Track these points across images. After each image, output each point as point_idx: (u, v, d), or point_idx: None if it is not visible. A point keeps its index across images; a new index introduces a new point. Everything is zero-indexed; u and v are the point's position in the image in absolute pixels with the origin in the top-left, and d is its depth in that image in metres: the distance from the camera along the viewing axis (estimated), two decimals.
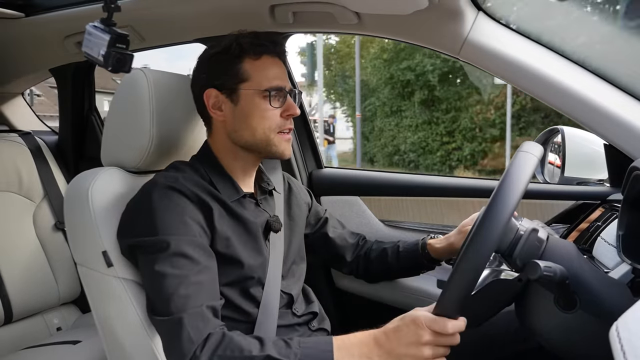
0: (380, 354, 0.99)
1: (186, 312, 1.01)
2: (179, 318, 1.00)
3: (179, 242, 1.07)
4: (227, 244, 1.18)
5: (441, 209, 1.74)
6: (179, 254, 1.06)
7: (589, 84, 1.29)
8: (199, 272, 1.07)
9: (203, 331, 1.00)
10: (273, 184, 1.39)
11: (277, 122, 1.23)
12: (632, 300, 0.71)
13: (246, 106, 1.23)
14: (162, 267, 1.05)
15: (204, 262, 1.09)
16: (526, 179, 0.89)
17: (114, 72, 1.17)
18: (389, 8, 1.32)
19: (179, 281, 1.04)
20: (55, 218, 2.10)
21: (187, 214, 1.12)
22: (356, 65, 14.10)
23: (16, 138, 2.12)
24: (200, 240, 1.11)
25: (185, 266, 1.06)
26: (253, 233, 1.24)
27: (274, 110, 1.23)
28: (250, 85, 1.22)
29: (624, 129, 1.25)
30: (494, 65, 1.36)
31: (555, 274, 0.85)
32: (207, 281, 1.09)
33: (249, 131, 1.23)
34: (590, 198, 1.49)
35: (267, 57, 1.25)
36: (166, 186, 1.14)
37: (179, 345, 0.99)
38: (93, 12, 1.61)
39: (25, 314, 1.97)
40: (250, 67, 1.23)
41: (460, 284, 0.89)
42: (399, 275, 1.57)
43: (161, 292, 1.04)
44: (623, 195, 1.07)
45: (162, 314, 1.04)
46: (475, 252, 0.87)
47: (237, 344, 0.99)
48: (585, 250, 1.24)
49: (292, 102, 1.25)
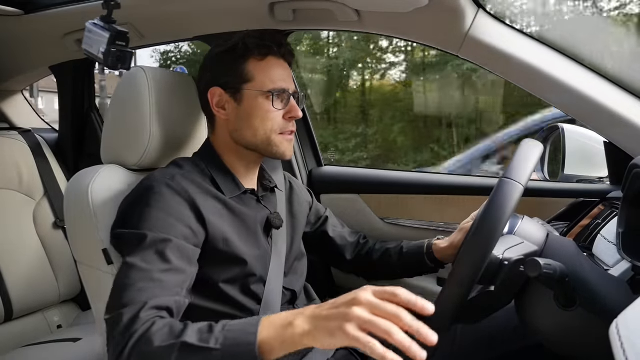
0: (303, 318, 0.85)
1: (129, 306, 0.96)
2: (120, 313, 0.95)
3: (156, 238, 1.06)
4: (226, 241, 1.17)
5: (441, 206, 1.74)
6: (152, 250, 1.04)
7: (588, 81, 1.29)
8: (165, 271, 1.03)
9: (135, 327, 0.93)
10: (275, 182, 1.40)
11: (279, 124, 1.24)
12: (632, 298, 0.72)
13: (249, 106, 1.23)
14: (132, 259, 1.03)
15: (176, 264, 1.06)
16: (508, 213, 0.88)
17: (113, 70, 1.17)
18: (389, 5, 1.32)
19: (142, 275, 1.01)
20: (55, 216, 2.09)
21: (175, 214, 1.11)
22: None
23: (16, 136, 2.12)
24: (180, 243, 1.08)
25: (154, 262, 1.03)
26: (253, 229, 1.24)
27: (277, 111, 1.23)
28: (254, 86, 1.22)
29: (624, 127, 1.25)
30: (494, 63, 1.36)
31: (555, 272, 0.85)
32: (170, 282, 1.03)
33: (251, 131, 1.24)
34: (590, 196, 1.49)
35: (272, 59, 1.25)
36: (161, 183, 1.14)
37: (113, 342, 0.95)
38: (93, 9, 1.61)
39: (25, 312, 1.97)
40: (254, 67, 1.23)
41: (445, 308, 0.90)
42: (401, 276, 1.57)
43: (122, 282, 1.01)
44: (623, 193, 1.07)
45: (111, 307, 0.99)
46: (455, 287, 0.89)
47: (159, 336, 0.91)
48: (585, 247, 1.25)
49: (294, 105, 1.25)
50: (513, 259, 0.94)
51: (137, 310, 0.94)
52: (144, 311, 0.94)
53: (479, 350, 1.32)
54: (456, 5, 1.27)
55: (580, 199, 1.51)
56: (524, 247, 0.98)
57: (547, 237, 1.02)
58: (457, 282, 0.89)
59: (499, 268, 0.94)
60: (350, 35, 11.28)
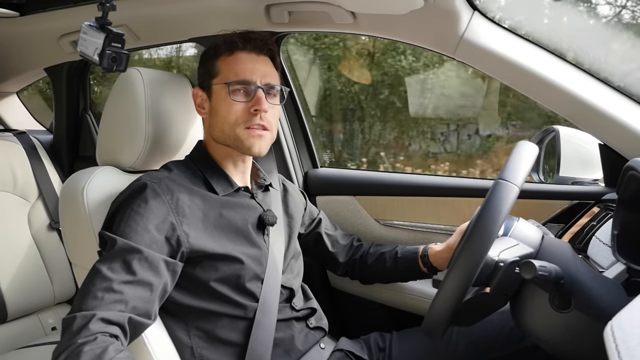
0: None
1: (83, 312, 0.96)
2: (74, 317, 0.95)
3: (126, 247, 1.04)
4: (217, 241, 1.17)
5: (436, 208, 1.74)
6: (120, 258, 1.03)
7: (583, 84, 1.29)
8: (127, 282, 1.02)
9: (76, 338, 0.92)
10: (269, 180, 1.39)
11: (242, 117, 1.22)
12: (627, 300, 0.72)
13: (215, 101, 1.25)
14: (100, 265, 1.03)
15: (142, 276, 1.04)
16: (504, 214, 0.88)
17: (109, 72, 1.16)
18: (384, 8, 1.32)
19: (104, 284, 0.99)
20: (50, 217, 2.09)
21: (155, 221, 1.10)
22: None
23: (11, 137, 2.11)
24: (150, 254, 1.06)
25: (118, 272, 1.02)
26: (244, 227, 1.24)
27: (238, 104, 1.22)
28: (219, 80, 1.24)
29: (618, 129, 1.26)
30: (489, 65, 1.37)
31: (550, 274, 0.85)
32: (129, 294, 1.01)
33: (219, 127, 1.24)
34: (585, 198, 1.50)
35: (240, 53, 1.25)
36: (147, 187, 1.13)
37: (59, 343, 0.94)
38: (88, 11, 1.61)
39: (20, 314, 1.97)
40: (222, 63, 1.25)
41: (441, 308, 0.90)
42: (396, 280, 1.57)
43: (85, 286, 1.01)
44: (618, 195, 1.07)
45: (72, 307, 0.99)
46: (451, 288, 0.89)
47: (85, 358, 0.89)
48: (580, 249, 1.25)
49: (259, 97, 1.22)
50: (508, 260, 0.94)
51: (88, 319, 0.94)
52: (93, 322, 0.94)
53: (474, 352, 1.32)
54: (451, 7, 1.28)
55: (575, 200, 1.51)
56: (519, 249, 0.98)
57: (542, 239, 1.02)
58: (452, 284, 0.89)
59: (494, 270, 0.94)
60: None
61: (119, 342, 0.96)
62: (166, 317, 1.18)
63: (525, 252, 0.98)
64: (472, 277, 0.87)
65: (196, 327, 1.19)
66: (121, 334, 0.98)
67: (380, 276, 1.53)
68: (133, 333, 1.02)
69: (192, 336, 1.18)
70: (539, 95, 1.35)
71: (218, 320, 1.19)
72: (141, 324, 1.03)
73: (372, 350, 1.41)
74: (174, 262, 1.11)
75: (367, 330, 1.50)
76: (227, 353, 1.19)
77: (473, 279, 0.88)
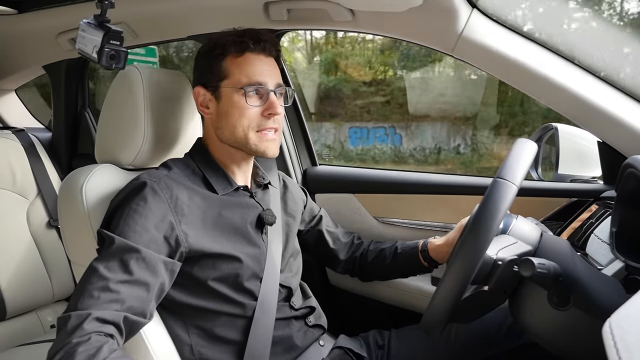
0: None
1: (79, 311, 0.95)
2: (69, 316, 0.95)
3: (124, 246, 1.04)
4: (216, 241, 1.17)
5: (435, 206, 1.74)
6: (117, 258, 1.03)
7: (582, 81, 1.29)
8: (124, 282, 1.01)
9: (71, 337, 0.92)
10: (269, 179, 1.39)
11: (256, 121, 1.21)
12: (625, 297, 0.72)
13: (226, 104, 1.22)
14: (97, 263, 1.02)
15: (139, 275, 1.03)
16: (502, 213, 0.88)
17: (107, 69, 1.16)
18: (383, 5, 1.32)
19: (100, 283, 0.99)
20: (48, 215, 2.09)
21: (153, 221, 1.09)
22: None
23: (9, 135, 2.11)
24: (149, 254, 1.05)
25: (115, 271, 1.01)
26: (243, 226, 1.24)
27: (252, 108, 1.21)
28: (230, 83, 1.21)
29: (617, 127, 1.26)
30: (488, 62, 1.36)
31: (548, 271, 0.85)
32: (126, 294, 1.00)
33: (229, 129, 1.23)
34: (584, 195, 1.50)
35: (250, 54, 1.22)
36: (146, 186, 1.13)
37: (55, 341, 0.94)
38: (87, 8, 1.61)
39: (19, 312, 1.97)
40: (231, 64, 1.22)
41: (439, 307, 0.91)
42: (396, 277, 1.57)
43: (82, 284, 1.00)
44: (616, 192, 1.07)
45: (68, 306, 0.99)
46: (449, 286, 0.89)
47: (79, 358, 0.89)
48: (578, 247, 1.25)
49: (274, 101, 1.21)
50: (507, 258, 0.94)
51: (83, 319, 0.93)
52: (87, 322, 0.93)
53: (473, 349, 1.32)
54: (450, 4, 1.28)
55: (573, 198, 1.52)
56: (518, 247, 0.98)
57: (541, 236, 1.02)
58: (451, 282, 0.89)
59: (492, 267, 0.94)
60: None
61: (114, 341, 0.96)
62: (165, 315, 1.18)
63: (523, 249, 0.98)
64: (471, 275, 0.87)
65: (195, 325, 1.19)
66: (116, 332, 0.97)
67: (381, 273, 1.54)
68: (129, 332, 1.01)
69: (191, 334, 1.18)
70: (537, 93, 1.35)
71: (217, 318, 1.19)
72: (137, 323, 1.02)
73: (371, 348, 1.42)
74: (172, 262, 1.10)
75: (366, 328, 1.51)
76: (226, 351, 1.19)
77: (471, 278, 0.88)
